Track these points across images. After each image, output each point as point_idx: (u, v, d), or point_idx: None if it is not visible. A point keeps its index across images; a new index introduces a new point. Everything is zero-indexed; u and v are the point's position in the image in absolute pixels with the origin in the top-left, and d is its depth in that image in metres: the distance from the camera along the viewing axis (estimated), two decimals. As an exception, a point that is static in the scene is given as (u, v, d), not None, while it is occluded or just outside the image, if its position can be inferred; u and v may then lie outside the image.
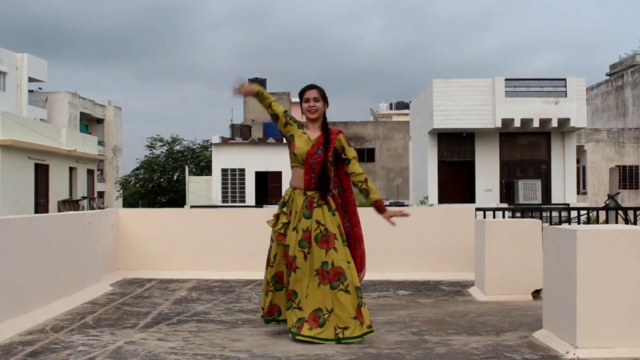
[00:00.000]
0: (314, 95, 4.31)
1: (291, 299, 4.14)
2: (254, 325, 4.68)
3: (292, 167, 4.33)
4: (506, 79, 23.09)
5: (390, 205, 24.71)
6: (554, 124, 22.78)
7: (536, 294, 5.77)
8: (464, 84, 23.15)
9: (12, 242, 4.66)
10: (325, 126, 4.35)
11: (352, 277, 4.10)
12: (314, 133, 4.32)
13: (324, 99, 4.36)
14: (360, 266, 4.32)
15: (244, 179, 31.26)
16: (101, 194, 39.52)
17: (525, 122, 22.88)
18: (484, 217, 9.28)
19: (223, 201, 31.00)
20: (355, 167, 4.32)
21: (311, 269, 4.13)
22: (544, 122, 22.86)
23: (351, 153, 4.34)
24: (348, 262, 4.13)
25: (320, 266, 4.10)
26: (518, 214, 10.56)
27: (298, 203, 4.23)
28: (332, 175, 4.33)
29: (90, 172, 34.12)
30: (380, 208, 4.31)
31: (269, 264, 4.35)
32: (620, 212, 10.78)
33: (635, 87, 34.92)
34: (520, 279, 5.81)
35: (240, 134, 33.97)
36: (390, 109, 59.24)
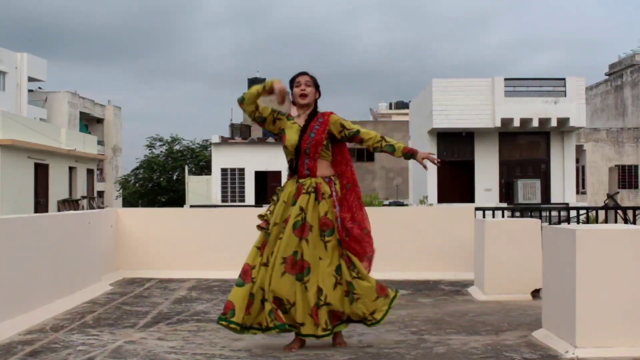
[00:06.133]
0: (306, 79, 4.08)
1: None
2: (253, 325, 4.68)
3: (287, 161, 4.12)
4: (505, 79, 23.09)
5: (390, 205, 24.73)
6: (554, 123, 22.78)
7: (535, 293, 5.77)
8: (463, 83, 23.15)
9: (12, 242, 4.66)
10: (314, 112, 4.10)
11: (318, 275, 3.83)
12: (304, 121, 4.08)
13: (316, 87, 4.12)
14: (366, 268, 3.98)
15: (243, 179, 31.27)
16: (101, 194, 39.50)
17: (525, 121, 22.87)
18: (484, 216, 9.29)
19: (222, 201, 31.02)
20: (367, 133, 4.04)
21: (278, 255, 3.84)
22: (544, 121, 22.86)
23: (352, 125, 4.07)
24: (320, 259, 3.85)
25: (291, 254, 3.84)
26: (517, 214, 10.58)
27: (287, 191, 4.01)
28: (330, 162, 4.06)
29: (90, 172, 34.08)
30: (411, 152, 4.04)
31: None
32: (619, 211, 10.79)
33: (635, 86, 34.94)
34: (520, 278, 5.81)
35: (240, 133, 33.97)
36: (390, 108, 59.16)
